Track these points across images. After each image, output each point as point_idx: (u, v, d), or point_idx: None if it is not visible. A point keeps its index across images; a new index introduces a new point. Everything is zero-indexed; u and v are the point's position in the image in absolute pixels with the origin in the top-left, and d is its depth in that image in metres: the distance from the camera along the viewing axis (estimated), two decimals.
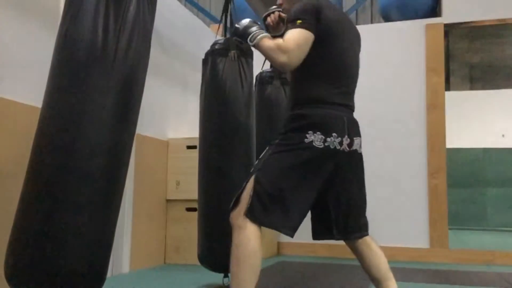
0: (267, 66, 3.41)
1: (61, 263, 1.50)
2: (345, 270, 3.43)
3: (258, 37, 1.78)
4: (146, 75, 1.80)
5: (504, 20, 4.27)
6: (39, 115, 1.66)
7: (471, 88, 9.67)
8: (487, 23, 4.42)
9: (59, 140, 1.55)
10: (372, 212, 4.19)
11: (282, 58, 1.70)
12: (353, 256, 1.97)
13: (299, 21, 1.73)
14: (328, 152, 1.74)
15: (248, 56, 2.59)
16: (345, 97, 1.84)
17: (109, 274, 3.03)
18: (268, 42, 1.75)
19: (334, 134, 1.74)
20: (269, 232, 4.13)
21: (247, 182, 1.76)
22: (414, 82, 4.28)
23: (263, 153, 1.80)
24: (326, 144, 1.73)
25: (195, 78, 2.70)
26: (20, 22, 2.31)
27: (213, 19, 5.15)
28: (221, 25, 2.68)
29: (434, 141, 4.18)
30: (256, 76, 3.29)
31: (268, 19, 2.02)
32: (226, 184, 2.46)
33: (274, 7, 2.03)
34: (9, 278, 1.53)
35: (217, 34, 2.79)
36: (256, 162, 1.82)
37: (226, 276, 2.54)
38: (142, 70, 1.75)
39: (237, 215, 1.72)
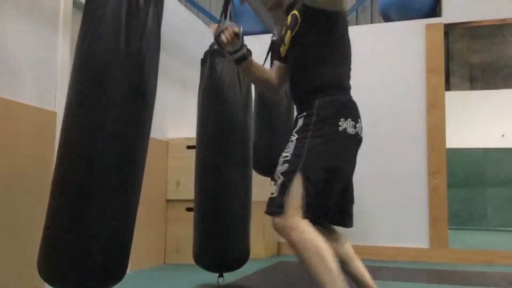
0: (267, 66, 3.41)
1: (88, 261, 1.60)
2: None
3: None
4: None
5: (504, 20, 4.27)
6: (61, 127, 1.71)
7: (471, 88, 9.66)
8: (487, 23, 4.42)
9: (83, 151, 1.62)
10: (372, 212, 4.22)
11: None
12: None
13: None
14: (357, 138, 1.76)
15: None
16: (349, 81, 1.86)
17: None
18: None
19: (359, 119, 1.77)
20: (269, 232, 4.14)
21: (288, 183, 1.61)
22: (414, 82, 4.28)
23: (292, 146, 1.69)
24: (356, 130, 1.74)
25: (195, 78, 2.70)
26: (20, 22, 2.31)
27: (213, 19, 5.15)
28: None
29: (434, 141, 4.17)
30: None
31: (222, 36, 1.90)
32: (223, 184, 2.46)
33: (226, 22, 1.99)
34: (40, 272, 1.69)
35: None
36: (288, 157, 1.67)
37: (221, 276, 2.54)
38: (155, 80, 1.79)
39: (285, 220, 1.59)
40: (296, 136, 1.71)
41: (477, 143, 8.87)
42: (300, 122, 1.74)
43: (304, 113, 1.75)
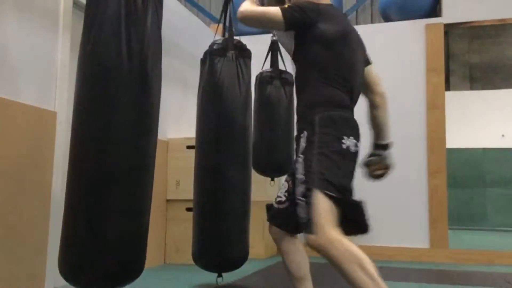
0: (267, 66, 3.41)
1: (106, 259, 1.64)
2: None
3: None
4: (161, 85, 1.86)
5: (504, 20, 4.27)
6: (71, 128, 1.72)
7: (471, 88, 9.66)
8: (487, 23, 4.42)
9: (93, 154, 1.66)
10: (372, 212, 4.20)
11: (241, 8, 1.81)
12: None
13: (286, 5, 1.78)
14: (357, 157, 1.74)
15: (246, 56, 2.59)
16: (350, 99, 1.82)
17: None
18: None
19: (359, 139, 1.75)
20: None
21: (310, 200, 1.61)
22: (414, 82, 4.28)
23: (302, 167, 1.68)
24: (357, 148, 1.72)
25: (195, 78, 2.70)
26: (20, 22, 2.31)
27: (213, 19, 5.15)
28: (221, 25, 2.68)
29: (434, 141, 4.17)
30: (256, 76, 3.29)
31: (378, 172, 2.02)
32: (223, 184, 2.46)
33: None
34: (61, 271, 1.72)
35: (216, 34, 2.79)
36: (302, 179, 1.67)
37: (220, 276, 2.54)
38: (159, 80, 1.81)
39: (319, 238, 1.56)
40: (303, 157, 1.69)
41: (477, 143, 8.88)
42: (303, 142, 1.72)
43: (305, 132, 1.73)
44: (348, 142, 1.68)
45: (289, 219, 1.80)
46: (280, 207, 1.90)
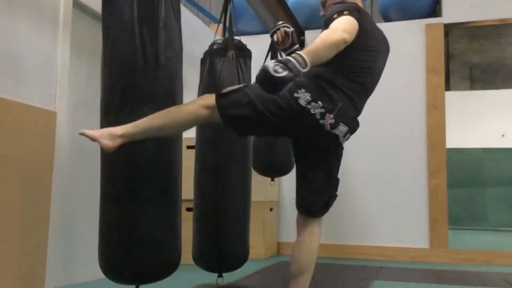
0: None
1: (143, 254, 1.76)
2: (345, 270, 3.43)
3: (301, 55, 1.58)
4: (182, 85, 1.97)
5: (504, 20, 4.27)
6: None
7: (471, 88, 9.66)
8: (487, 23, 4.42)
9: (123, 157, 1.77)
10: (372, 212, 4.22)
11: (337, 34, 1.68)
12: (352, 256, 1.98)
13: (346, 12, 1.79)
14: (307, 114, 1.80)
15: (246, 56, 2.59)
16: (360, 98, 1.89)
17: None
18: (312, 44, 1.66)
19: (323, 103, 1.79)
20: (269, 232, 4.14)
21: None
22: (414, 82, 4.28)
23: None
24: (309, 106, 1.77)
25: (195, 78, 2.70)
26: (20, 22, 2.31)
27: (213, 19, 5.15)
28: (221, 25, 2.68)
29: (434, 141, 4.17)
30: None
31: (275, 36, 2.08)
32: (223, 184, 2.46)
33: (280, 23, 2.11)
34: (100, 267, 1.82)
35: (216, 34, 2.79)
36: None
37: (220, 276, 2.54)
38: (179, 79, 1.93)
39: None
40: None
41: (477, 143, 8.87)
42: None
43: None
44: (301, 94, 1.75)
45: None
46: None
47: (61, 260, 2.59)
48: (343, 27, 1.71)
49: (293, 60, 1.54)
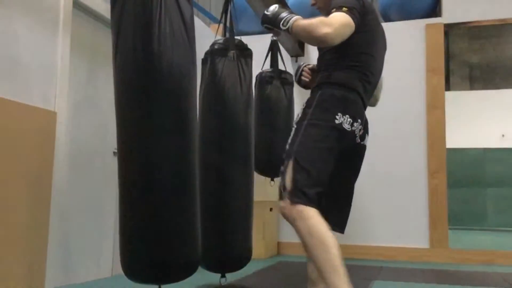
0: (267, 66, 3.41)
1: (163, 256, 1.74)
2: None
3: (292, 19, 1.71)
4: (195, 86, 1.92)
5: (504, 20, 4.27)
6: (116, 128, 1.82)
7: (471, 88, 9.67)
8: (487, 23, 4.42)
9: (142, 157, 1.76)
10: (372, 212, 4.21)
11: (325, 29, 1.62)
12: (352, 256, 1.98)
13: (345, 9, 1.70)
14: (353, 137, 1.79)
15: (247, 56, 2.59)
16: (360, 85, 1.85)
17: (109, 274, 3.03)
18: (307, 20, 1.69)
19: (359, 120, 1.80)
20: (269, 232, 4.14)
21: (284, 169, 1.77)
22: (414, 82, 4.28)
23: (290, 136, 1.79)
24: (353, 128, 1.76)
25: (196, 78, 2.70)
26: (20, 22, 2.31)
27: (213, 19, 5.15)
28: (221, 25, 2.68)
29: (434, 141, 4.17)
30: (256, 76, 3.29)
31: (303, 77, 2.05)
32: (225, 184, 2.46)
33: (303, 64, 2.09)
34: (123, 268, 1.81)
35: (216, 34, 2.79)
36: (287, 147, 1.80)
37: (223, 276, 2.54)
38: (191, 82, 1.87)
39: (290, 207, 1.68)
40: (295, 127, 1.78)
41: (477, 143, 8.87)
42: (300, 112, 1.80)
43: (305, 104, 1.81)
44: (342, 119, 1.72)
45: None
46: None
47: (61, 260, 2.59)
48: (337, 22, 1.65)
49: (284, 18, 1.71)
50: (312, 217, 1.60)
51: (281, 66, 3.38)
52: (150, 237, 1.71)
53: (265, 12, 1.79)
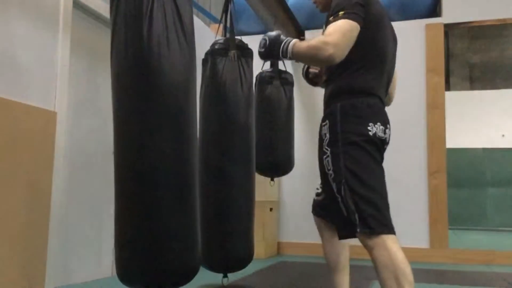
0: (267, 66, 3.40)
1: (154, 262, 1.67)
2: None
3: (289, 47, 1.63)
4: (195, 85, 1.87)
5: (504, 20, 4.27)
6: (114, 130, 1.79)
7: (471, 88, 9.67)
8: (487, 23, 4.42)
9: (140, 158, 1.70)
10: None
11: (329, 51, 1.54)
12: (352, 256, 1.99)
13: (341, 13, 1.61)
14: (385, 143, 1.75)
15: (248, 56, 2.58)
16: (380, 88, 1.78)
17: (109, 274, 3.03)
18: (306, 42, 1.61)
19: (388, 125, 1.75)
20: (269, 232, 4.14)
21: (347, 197, 1.66)
22: (414, 82, 4.28)
23: (331, 162, 1.68)
24: (385, 135, 1.72)
25: (197, 78, 2.70)
26: (20, 22, 2.31)
27: (213, 19, 5.15)
28: (221, 25, 2.67)
29: (434, 141, 4.17)
30: (256, 76, 3.29)
31: (311, 69, 1.95)
32: (226, 184, 2.45)
33: (312, 70, 1.96)
34: (118, 273, 1.76)
35: (217, 34, 2.78)
36: (332, 175, 1.69)
37: (225, 276, 2.54)
38: (190, 81, 1.82)
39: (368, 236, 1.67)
40: (329, 150, 1.68)
41: (477, 143, 8.88)
42: (327, 132, 1.70)
43: (327, 121, 1.71)
44: (374, 128, 1.65)
45: (326, 210, 1.88)
46: (318, 199, 1.99)
47: (61, 260, 2.59)
48: (337, 38, 1.56)
49: (280, 49, 1.65)
50: (387, 245, 1.62)
51: (281, 66, 3.38)
52: (147, 242, 1.65)
53: (259, 50, 1.76)
